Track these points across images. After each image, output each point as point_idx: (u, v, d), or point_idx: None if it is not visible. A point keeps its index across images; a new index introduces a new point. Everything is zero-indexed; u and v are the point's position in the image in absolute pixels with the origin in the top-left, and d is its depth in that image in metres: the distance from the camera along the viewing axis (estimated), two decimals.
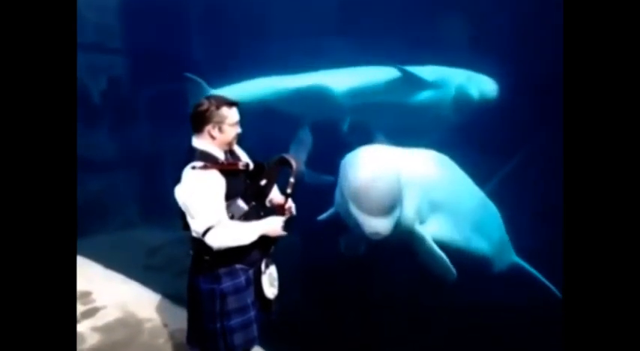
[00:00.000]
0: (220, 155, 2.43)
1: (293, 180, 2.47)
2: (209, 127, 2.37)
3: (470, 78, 6.92)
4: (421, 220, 4.57)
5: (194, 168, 2.29)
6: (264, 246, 2.47)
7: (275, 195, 2.60)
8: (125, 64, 8.23)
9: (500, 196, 5.57)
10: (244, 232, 2.35)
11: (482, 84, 6.83)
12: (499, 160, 6.43)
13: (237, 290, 2.43)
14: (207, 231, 2.27)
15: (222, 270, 2.41)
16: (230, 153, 2.52)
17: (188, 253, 2.50)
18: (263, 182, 2.51)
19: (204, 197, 2.27)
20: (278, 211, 2.52)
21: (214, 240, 2.28)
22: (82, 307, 4.05)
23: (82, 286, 4.28)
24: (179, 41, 8.54)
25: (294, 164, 2.45)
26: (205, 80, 7.39)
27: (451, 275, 4.50)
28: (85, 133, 6.95)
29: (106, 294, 4.29)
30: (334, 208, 5.04)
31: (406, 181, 4.36)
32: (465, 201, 5.02)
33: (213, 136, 2.39)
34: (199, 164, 2.30)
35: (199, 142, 2.41)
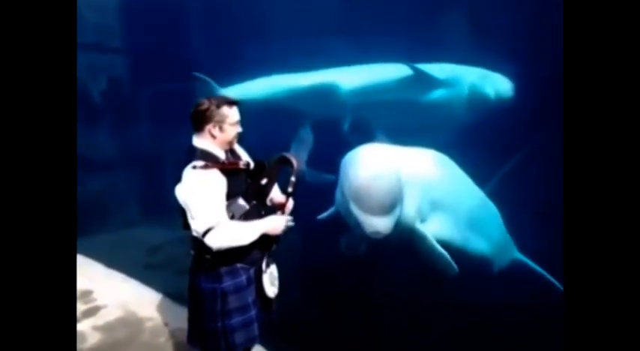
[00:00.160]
0: (221, 154, 2.43)
1: (294, 179, 2.48)
2: (210, 127, 2.37)
3: (484, 77, 6.83)
4: (422, 218, 4.58)
5: (195, 168, 2.29)
6: (265, 245, 2.47)
7: (276, 194, 2.60)
8: (125, 63, 8.22)
9: (501, 195, 5.57)
10: (244, 233, 2.35)
11: (497, 83, 6.73)
12: (498, 160, 6.42)
13: (238, 289, 2.43)
14: (207, 232, 2.26)
15: (223, 269, 2.41)
16: (231, 152, 2.52)
17: (189, 252, 2.50)
18: (264, 181, 2.50)
19: (204, 198, 2.27)
20: (279, 210, 2.52)
21: (214, 241, 2.28)
22: (83, 306, 4.04)
23: (83, 285, 4.28)
24: (179, 41, 8.53)
25: (294, 163, 2.44)
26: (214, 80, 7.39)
27: (453, 271, 4.51)
28: (86, 132, 6.95)
29: (107, 293, 4.29)
30: (335, 207, 5.05)
31: (406, 180, 4.37)
32: (465, 200, 5.03)
33: (213, 136, 2.39)
34: (200, 164, 2.30)
35: (200, 142, 2.41)
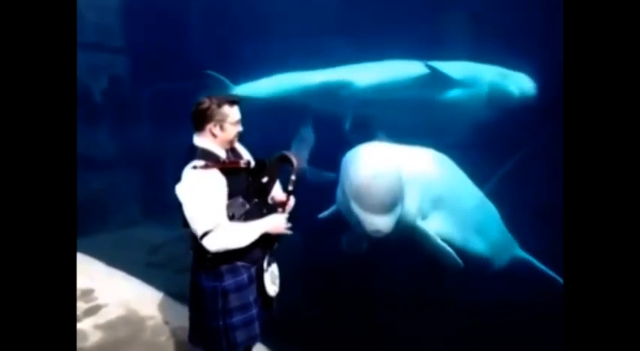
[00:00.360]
0: (222, 153, 2.43)
1: (294, 177, 2.48)
2: (210, 126, 2.37)
3: (504, 75, 6.69)
4: (423, 217, 4.58)
5: (195, 167, 2.28)
6: (266, 244, 2.47)
7: (277, 192, 2.60)
8: (127, 63, 8.22)
9: (503, 194, 5.57)
10: (243, 234, 2.34)
11: (519, 81, 6.59)
12: (498, 160, 6.40)
13: (240, 288, 2.43)
14: (205, 234, 2.26)
15: (224, 267, 2.41)
16: (232, 151, 2.52)
17: (188, 251, 2.50)
18: (265, 180, 2.50)
19: (203, 199, 2.26)
20: (280, 209, 2.52)
21: (212, 243, 2.28)
22: (85, 305, 4.05)
23: (85, 284, 4.28)
24: (181, 40, 8.52)
25: (294, 161, 2.44)
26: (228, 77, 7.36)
27: (458, 266, 4.52)
28: (88, 131, 6.95)
29: (108, 292, 4.29)
30: (335, 206, 5.05)
31: (407, 179, 4.36)
32: (465, 199, 5.03)
33: (214, 135, 2.39)
34: (200, 163, 2.29)
35: (201, 141, 2.40)
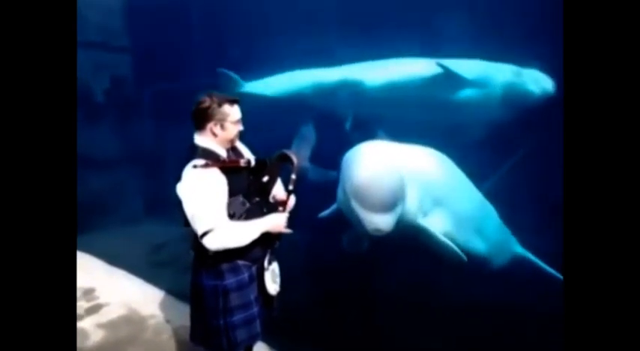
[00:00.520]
0: (222, 152, 2.43)
1: (294, 176, 2.48)
2: (211, 125, 2.37)
3: (519, 74, 6.59)
4: (423, 215, 4.57)
5: (195, 166, 2.28)
6: (267, 243, 2.47)
7: (278, 191, 2.61)
8: (129, 62, 8.21)
9: (503, 192, 5.57)
10: (244, 233, 2.34)
11: (537, 78, 6.45)
12: (497, 159, 6.39)
13: (241, 286, 2.43)
14: (205, 234, 2.25)
15: (224, 266, 2.41)
16: (232, 150, 2.52)
17: (189, 250, 2.50)
18: (265, 179, 2.50)
19: (203, 199, 2.26)
20: (280, 208, 2.52)
21: (212, 243, 2.27)
22: (86, 304, 4.06)
23: (86, 283, 4.30)
24: (181, 39, 8.52)
25: (294, 160, 2.44)
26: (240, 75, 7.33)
27: (462, 261, 4.52)
28: (90, 130, 6.96)
29: (110, 291, 4.30)
30: (336, 205, 5.04)
31: (408, 177, 4.36)
32: (464, 197, 5.03)
33: (215, 134, 2.39)
34: (200, 162, 2.29)
35: (201, 139, 2.41)
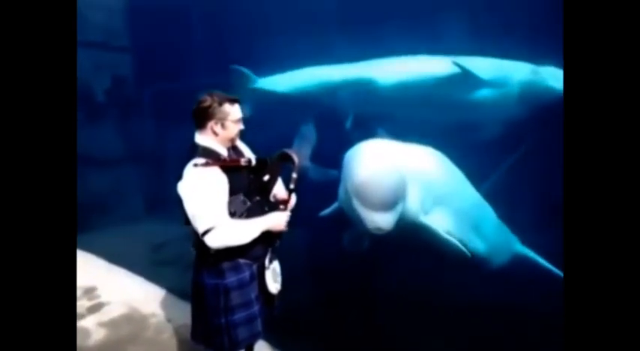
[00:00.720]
0: (223, 151, 2.43)
1: (295, 175, 2.48)
2: (212, 124, 2.38)
3: (536, 72, 6.55)
4: (424, 214, 4.58)
5: (196, 165, 2.28)
6: (268, 241, 2.48)
7: (279, 190, 2.61)
8: (130, 61, 8.21)
9: (503, 191, 5.57)
10: (244, 232, 2.35)
11: (555, 76, 6.34)
12: (495, 159, 6.38)
13: (242, 285, 2.43)
14: (206, 232, 2.26)
15: (225, 265, 2.41)
16: (233, 149, 2.52)
17: (191, 249, 2.51)
18: (266, 178, 2.50)
19: (204, 197, 2.27)
20: (281, 206, 2.53)
21: (213, 241, 2.28)
22: (87, 303, 4.06)
23: (88, 282, 4.30)
24: (181, 39, 8.53)
25: (295, 159, 2.45)
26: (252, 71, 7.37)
27: (466, 256, 4.53)
28: (91, 129, 6.98)
29: (111, 290, 4.30)
30: (338, 203, 5.05)
31: (409, 176, 4.36)
32: (463, 196, 5.04)
33: (215, 133, 2.39)
34: (201, 161, 2.29)
35: (202, 138, 2.41)
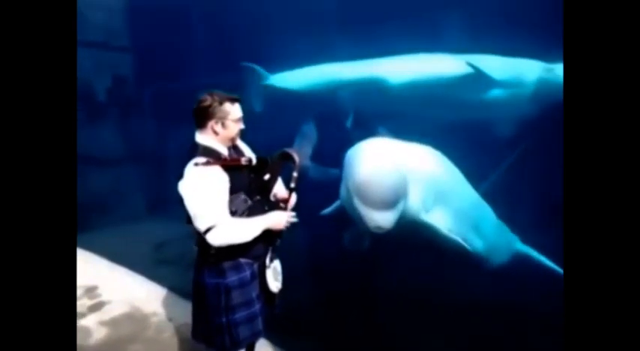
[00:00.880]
0: (223, 151, 2.44)
1: (296, 174, 2.49)
2: (212, 123, 2.38)
3: (549, 70, 6.52)
4: (426, 212, 4.58)
5: (197, 164, 2.29)
6: (268, 240, 2.49)
7: (280, 189, 2.61)
8: (131, 61, 8.21)
9: (503, 192, 5.57)
10: (246, 230, 2.36)
11: None
12: (493, 159, 6.37)
13: (242, 284, 2.44)
14: (208, 230, 2.28)
15: (226, 264, 2.42)
16: (233, 148, 2.53)
17: (193, 248, 2.51)
18: (267, 177, 2.51)
19: (205, 195, 2.28)
20: (282, 206, 2.53)
21: (215, 239, 2.29)
22: (89, 302, 4.06)
23: (89, 281, 4.30)
24: (181, 38, 8.53)
25: (296, 159, 2.46)
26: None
27: (468, 252, 4.54)
28: (93, 129, 6.98)
29: (112, 289, 4.30)
30: (339, 202, 5.05)
31: (410, 175, 4.35)
32: (463, 195, 5.05)
33: (216, 132, 2.40)
34: (202, 160, 2.30)
35: (202, 138, 2.42)
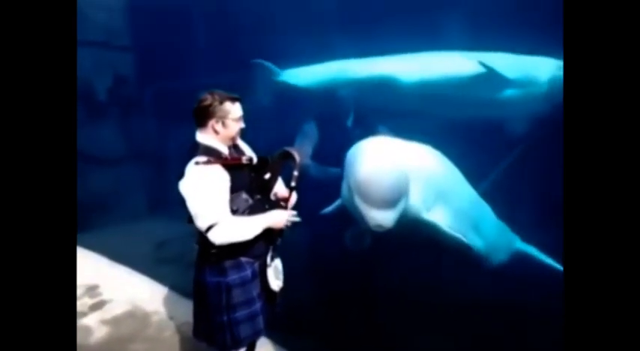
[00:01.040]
0: (224, 150, 2.44)
1: (297, 173, 2.49)
2: (212, 122, 2.39)
3: (562, 68, 6.46)
4: (427, 211, 4.57)
5: (197, 163, 2.30)
6: (269, 239, 2.49)
7: (280, 188, 2.62)
8: (132, 60, 8.21)
9: (503, 191, 5.56)
10: (247, 228, 2.36)
11: None
12: (493, 159, 6.36)
13: (244, 283, 2.45)
14: (209, 228, 2.28)
15: (227, 263, 2.42)
16: (234, 147, 2.53)
17: (193, 246, 2.52)
18: (267, 176, 2.52)
19: (206, 194, 2.29)
20: (283, 204, 2.54)
21: (217, 237, 2.30)
22: (90, 301, 4.07)
23: (90, 280, 4.31)
24: (182, 38, 8.53)
25: (297, 158, 2.46)
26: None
27: (469, 250, 4.54)
28: (94, 128, 6.98)
29: (113, 287, 4.30)
30: (340, 201, 5.05)
31: (411, 174, 4.35)
32: (463, 194, 5.05)
33: (216, 131, 2.40)
34: (202, 159, 2.31)
35: (203, 137, 2.42)
